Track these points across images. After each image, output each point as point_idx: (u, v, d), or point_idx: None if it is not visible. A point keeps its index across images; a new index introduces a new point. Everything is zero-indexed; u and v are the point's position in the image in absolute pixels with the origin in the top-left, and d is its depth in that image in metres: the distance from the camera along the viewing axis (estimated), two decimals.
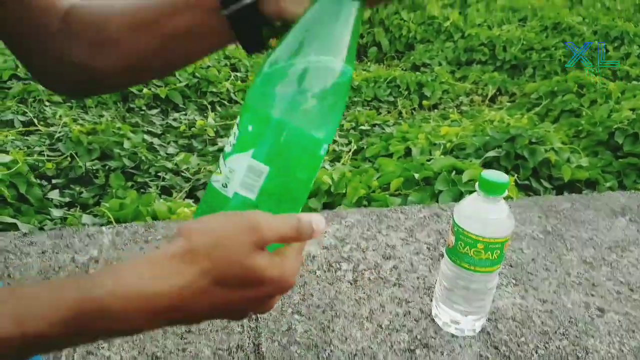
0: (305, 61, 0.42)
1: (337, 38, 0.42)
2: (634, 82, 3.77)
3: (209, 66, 3.72)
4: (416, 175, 2.04)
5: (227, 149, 0.45)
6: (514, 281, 0.94)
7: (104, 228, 0.99)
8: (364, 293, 0.89)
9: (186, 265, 0.39)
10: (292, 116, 0.42)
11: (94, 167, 2.43)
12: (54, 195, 2.20)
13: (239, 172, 0.43)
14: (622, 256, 1.02)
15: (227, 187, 0.44)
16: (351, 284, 0.91)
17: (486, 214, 0.75)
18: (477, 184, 0.74)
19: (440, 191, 1.98)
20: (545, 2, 5.77)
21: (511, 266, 0.98)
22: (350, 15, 0.43)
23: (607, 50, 4.50)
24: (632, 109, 2.98)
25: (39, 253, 0.92)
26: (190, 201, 2.19)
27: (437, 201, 1.95)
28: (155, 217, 1.78)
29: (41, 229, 1.86)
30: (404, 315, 0.85)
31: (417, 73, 4.13)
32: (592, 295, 0.91)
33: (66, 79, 0.61)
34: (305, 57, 0.42)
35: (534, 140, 2.54)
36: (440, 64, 4.46)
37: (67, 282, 0.41)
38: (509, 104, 3.82)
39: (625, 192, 1.27)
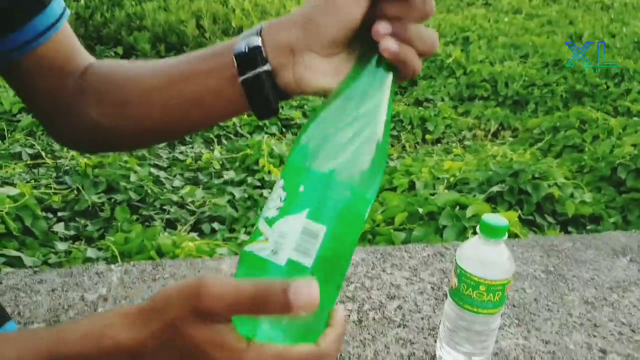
0: (354, 121, 0.45)
1: (377, 101, 0.46)
2: (635, 118, 3.81)
3: None
4: (420, 210, 2.05)
5: (272, 213, 0.42)
6: (516, 321, 0.95)
7: (112, 266, 1.01)
8: (369, 334, 0.90)
9: (144, 322, 0.40)
10: (347, 175, 0.43)
11: (100, 200, 2.45)
12: (59, 228, 2.22)
13: (292, 235, 0.41)
14: (624, 296, 1.02)
15: (277, 253, 0.41)
16: (356, 324, 0.92)
17: (487, 256, 0.76)
18: (478, 227, 0.76)
19: (445, 226, 2.00)
20: (545, 39, 5.87)
21: (514, 306, 0.99)
22: (388, 85, 0.48)
23: (608, 87, 4.56)
24: (634, 145, 3.01)
25: (49, 291, 0.93)
26: (195, 234, 2.21)
27: (442, 236, 1.96)
28: (159, 251, 1.80)
29: (45, 262, 1.87)
30: (409, 357, 0.86)
31: (420, 108, 4.19)
32: (594, 336, 0.92)
33: (80, 136, 0.62)
34: (354, 117, 0.45)
35: (537, 175, 2.56)
36: (442, 99, 4.53)
37: (42, 330, 0.44)
38: (511, 139, 3.86)
39: (626, 232, 1.29)
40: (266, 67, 0.49)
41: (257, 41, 0.49)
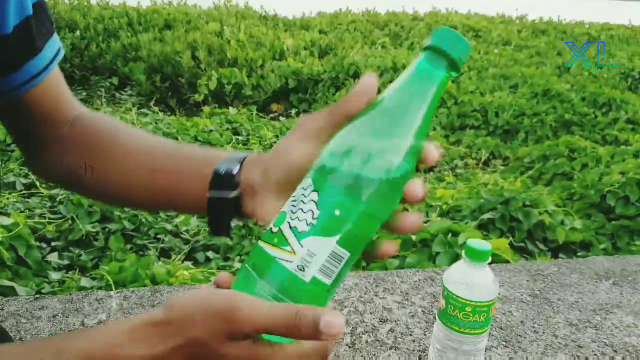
0: (399, 154, 0.44)
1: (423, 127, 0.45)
2: (623, 147, 3.88)
3: (211, 130, 3.83)
4: (413, 237, 2.08)
5: (301, 227, 0.43)
6: (504, 343, 0.98)
7: (112, 292, 1.03)
8: (362, 356, 0.93)
9: (161, 337, 0.40)
10: (379, 208, 0.44)
11: (94, 230, 2.46)
12: (53, 257, 2.22)
13: (321, 256, 0.42)
14: (606, 318, 1.05)
15: (304, 270, 0.42)
16: (349, 347, 0.95)
17: (473, 279, 0.79)
18: (463, 251, 0.79)
19: (438, 253, 2.03)
20: (534, 70, 6.00)
21: (501, 328, 1.02)
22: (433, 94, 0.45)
23: (596, 116, 4.65)
24: (622, 173, 3.07)
25: (50, 317, 0.95)
26: (189, 263, 2.22)
27: (435, 262, 1.99)
28: (154, 280, 1.81)
29: (39, 292, 1.87)
30: None
31: None
32: (578, 356, 0.94)
33: (56, 175, 0.68)
34: (398, 149, 0.44)
35: (527, 203, 2.59)
36: (434, 129, 4.60)
37: (43, 345, 0.43)
38: (502, 167, 3.92)
39: (609, 256, 1.32)
40: (234, 193, 0.54)
41: (235, 169, 0.55)
